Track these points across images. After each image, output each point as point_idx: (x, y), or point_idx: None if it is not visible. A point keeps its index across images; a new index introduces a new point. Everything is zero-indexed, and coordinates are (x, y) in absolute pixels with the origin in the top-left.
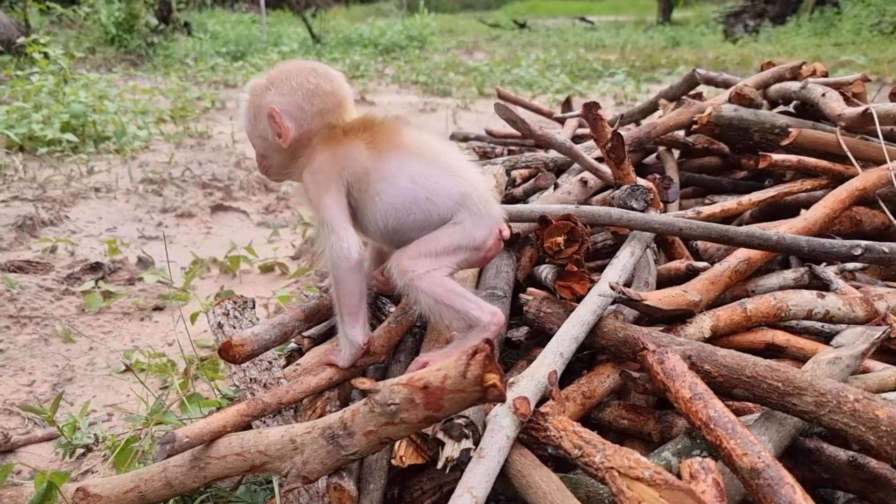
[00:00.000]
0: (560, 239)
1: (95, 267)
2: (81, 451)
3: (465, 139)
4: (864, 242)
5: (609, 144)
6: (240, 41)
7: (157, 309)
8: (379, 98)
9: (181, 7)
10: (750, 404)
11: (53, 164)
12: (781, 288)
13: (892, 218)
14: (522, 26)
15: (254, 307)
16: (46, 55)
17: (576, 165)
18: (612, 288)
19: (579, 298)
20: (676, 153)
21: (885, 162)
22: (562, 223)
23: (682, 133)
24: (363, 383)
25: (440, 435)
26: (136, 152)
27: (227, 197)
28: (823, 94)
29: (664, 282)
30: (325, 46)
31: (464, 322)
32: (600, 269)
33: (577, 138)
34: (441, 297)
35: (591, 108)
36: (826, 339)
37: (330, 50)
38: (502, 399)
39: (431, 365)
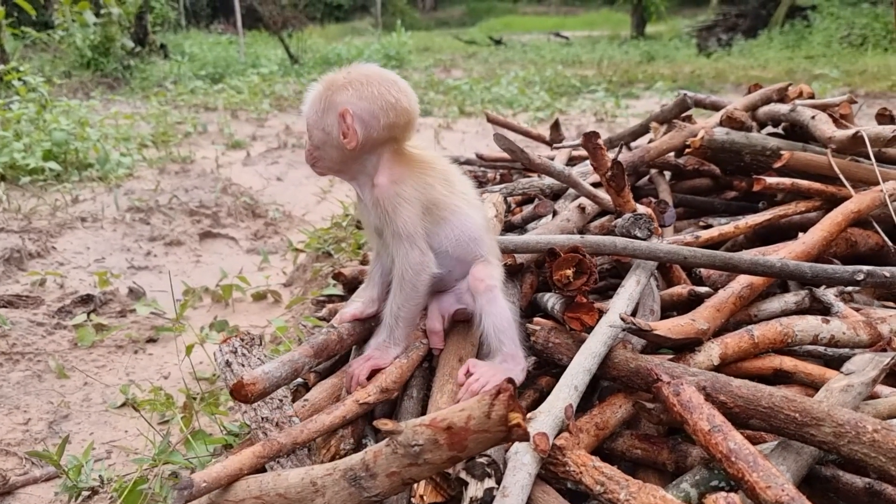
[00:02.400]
0: (569, 272)
1: (86, 299)
2: (87, 493)
3: (455, 163)
4: (865, 268)
5: (609, 173)
6: (218, 63)
7: (151, 341)
8: None
9: (156, 29)
10: (762, 432)
11: (37, 193)
12: (784, 312)
13: (886, 240)
14: (498, 43)
15: (261, 344)
16: (25, 82)
17: (571, 190)
18: (622, 320)
19: (588, 329)
20: (668, 175)
21: (876, 183)
22: (570, 256)
23: (672, 155)
24: (385, 424)
25: (463, 475)
26: (120, 180)
27: (216, 224)
28: (813, 117)
29: (667, 307)
30: (303, 67)
31: (509, 349)
32: (600, 292)
33: (571, 160)
34: (510, 319)
35: (590, 138)
36: (827, 362)
37: (308, 70)
38: (526, 438)
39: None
